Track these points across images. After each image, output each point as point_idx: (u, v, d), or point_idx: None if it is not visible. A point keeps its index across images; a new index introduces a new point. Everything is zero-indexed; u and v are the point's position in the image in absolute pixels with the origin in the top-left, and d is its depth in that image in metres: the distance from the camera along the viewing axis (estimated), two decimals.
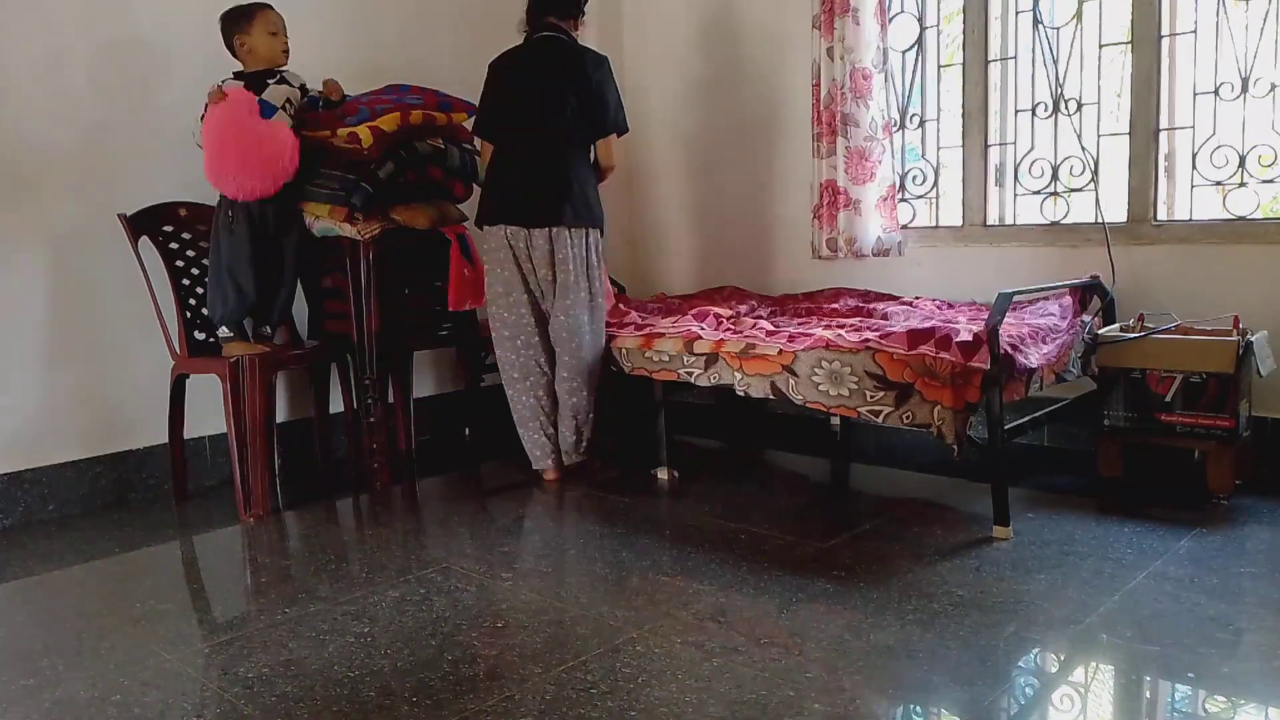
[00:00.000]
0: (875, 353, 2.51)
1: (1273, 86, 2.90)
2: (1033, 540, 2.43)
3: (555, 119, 3.03)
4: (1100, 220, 3.15)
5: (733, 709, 1.66)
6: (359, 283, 3.14)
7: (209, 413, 3.14)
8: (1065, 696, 1.75)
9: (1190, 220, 3.06)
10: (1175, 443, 2.76)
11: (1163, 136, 3.11)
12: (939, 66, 3.62)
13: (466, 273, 3.30)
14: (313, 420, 3.47)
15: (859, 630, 1.95)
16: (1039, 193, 3.36)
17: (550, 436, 3.17)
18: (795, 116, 3.80)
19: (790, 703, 1.67)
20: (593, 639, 1.96)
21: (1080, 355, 2.83)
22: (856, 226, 3.52)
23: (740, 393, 2.81)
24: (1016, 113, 3.42)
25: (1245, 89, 2.93)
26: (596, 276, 3.12)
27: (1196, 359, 2.67)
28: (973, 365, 2.39)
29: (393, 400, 3.49)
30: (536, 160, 3.06)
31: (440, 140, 3.30)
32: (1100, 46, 3.21)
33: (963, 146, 3.50)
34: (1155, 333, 2.76)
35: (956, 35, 3.53)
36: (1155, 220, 3.11)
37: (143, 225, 3.00)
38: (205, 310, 3.06)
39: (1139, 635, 1.89)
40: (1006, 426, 2.51)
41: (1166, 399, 2.73)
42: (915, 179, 3.67)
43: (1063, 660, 1.85)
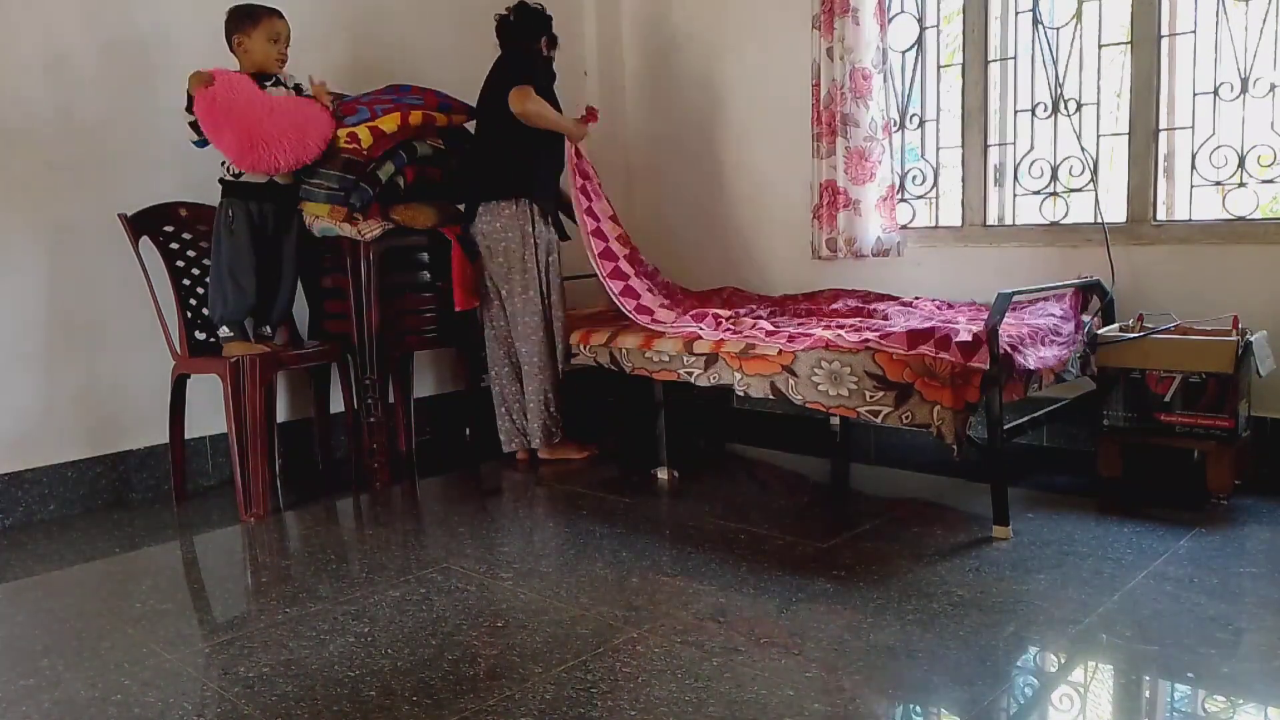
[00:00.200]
0: (875, 353, 2.51)
1: (1272, 87, 2.90)
2: (1032, 540, 2.43)
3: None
4: (1100, 220, 3.15)
5: (733, 709, 1.66)
6: (359, 283, 3.14)
7: (209, 413, 3.15)
8: (1065, 696, 1.75)
9: (1190, 220, 3.06)
10: (1175, 443, 2.76)
11: (1162, 137, 3.11)
12: (939, 66, 3.63)
13: (470, 271, 3.31)
14: (313, 420, 3.47)
15: (859, 630, 1.95)
16: (1039, 193, 3.36)
17: (514, 422, 3.42)
18: (795, 117, 3.80)
19: (790, 703, 1.67)
20: (593, 639, 1.96)
21: (1080, 355, 2.83)
22: (856, 227, 3.53)
23: (740, 393, 2.81)
24: (1016, 113, 3.42)
25: (1245, 89, 2.93)
26: (529, 267, 3.29)
27: (1196, 359, 2.67)
28: (972, 365, 2.39)
29: (393, 400, 3.49)
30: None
31: (440, 141, 3.31)
32: (1100, 46, 3.21)
33: (962, 146, 3.50)
34: (1155, 333, 2.76)
35: (956, 35, 3.53)
36: (1155, 220, 3.11)
37: (143, 225, 3.00)
38: (206, 310, 3.06)
39: (1139, 635, 1.89)
40: (1006, 426, 2.51)
41: (1166, 399, 2.73)
42: (915, 179, 3.67)
43: (1062, 660, 1.85)
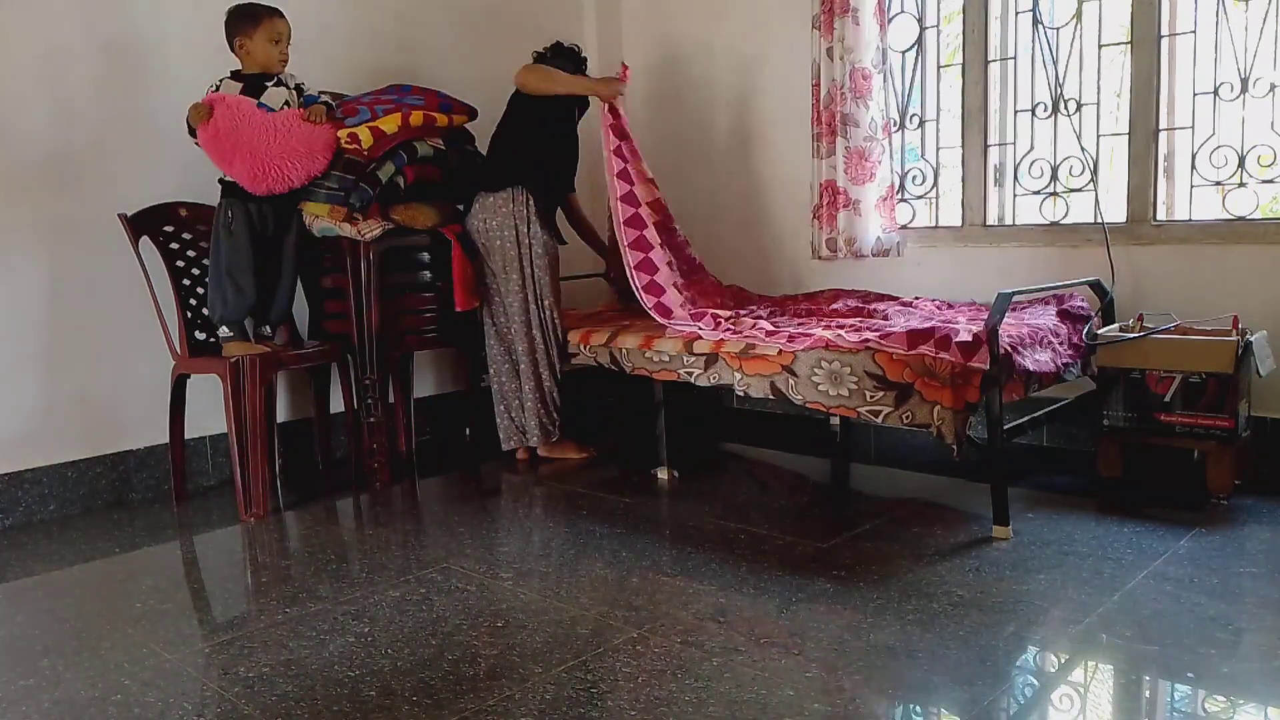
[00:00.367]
0: (875, 353, 2.51)
1: (1272, 87, 2.90)
2: (1032, 540, 2.43)
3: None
4: (1100, 220, 3.15)
5: (733, 709, 1.66)
6: (359, 283, 3.14)
7: (209, 413, 3.15)
8: (1065, 696, 1.75)
9: (1190, 220, 3.06)
10: (1175, 443, 2.76)
11: (1162, 137, 3.11)
12: (939, 66, 3.63)
13: (470, 271, 3.31)
14: (313, 420, 3.47)
15: (859, 630, 1.95)
16: (1039, 193, 3.36)
17: (514, 420, 3.41)
18: (795, 116, 3.80)
19: (790, 703, 1.67)
20: (593, 639, 1.96)
21: (1080, 356, 2.83)
22: (856, 227, 3.53)
23: (740, 393, 2.81)
24: (1016, 113, 3.42)
25: (1245, 89, 2.93)
26: (523, 266, 3.33)
27: (1196, 359, 2.67)
28: (972, 365, 2.39)
29: (393, 400, 3.49)
30: None
31: (440, 141, 3.31)
32: (1100, 47, 3.21)
33: (962, 146, 3.50)
34: (1155, 333, 2.76)
35: (956, 35, 3.53)
36: (1155, 220, 3.11)
37: (143, 225, 3.00)
38: (206, 310, 3.06)
39: (1139, 635, 1.89)
40: (1006, 426, 2.51)
41: (1166, 399, 2.73)
42: (915, 179, 3.67)
43: (1062, 660, 1.86)
